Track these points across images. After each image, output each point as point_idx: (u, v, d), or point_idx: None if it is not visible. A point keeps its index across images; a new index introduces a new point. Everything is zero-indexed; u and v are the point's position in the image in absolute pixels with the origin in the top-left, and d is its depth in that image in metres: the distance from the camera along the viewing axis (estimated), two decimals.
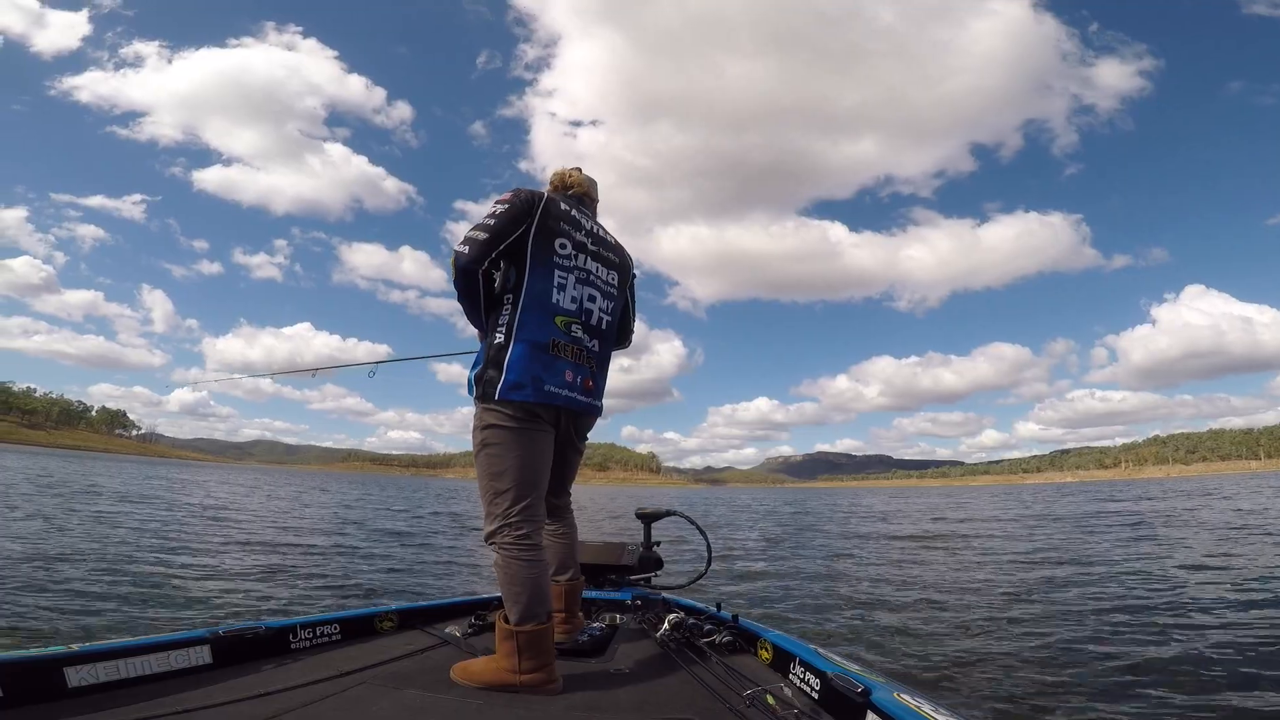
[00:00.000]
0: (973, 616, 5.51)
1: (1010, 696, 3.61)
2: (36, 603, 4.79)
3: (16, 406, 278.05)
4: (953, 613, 5.69)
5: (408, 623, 2.55)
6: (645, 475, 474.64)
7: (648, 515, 3.28)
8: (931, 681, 3.86)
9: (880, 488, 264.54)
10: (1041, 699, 3.55)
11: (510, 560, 1.94)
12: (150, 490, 21.16)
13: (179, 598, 5.40)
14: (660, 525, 3.35)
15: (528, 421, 2.00)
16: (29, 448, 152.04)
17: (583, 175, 2.40)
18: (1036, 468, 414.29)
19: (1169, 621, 5.08)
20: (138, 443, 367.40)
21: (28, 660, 1.62)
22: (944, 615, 5.59)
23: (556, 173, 2.43)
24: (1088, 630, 4.92)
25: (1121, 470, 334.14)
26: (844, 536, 14.24)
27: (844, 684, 1.63)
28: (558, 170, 2.45)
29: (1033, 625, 5.15)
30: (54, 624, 4.29)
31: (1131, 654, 4.28)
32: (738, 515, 24.29)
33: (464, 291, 2.05)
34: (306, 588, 6.29)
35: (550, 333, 2.04)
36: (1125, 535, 12.36)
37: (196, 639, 1.94)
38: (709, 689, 1.87)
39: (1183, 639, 4.56)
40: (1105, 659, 4.18)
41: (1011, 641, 4.66)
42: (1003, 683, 3.80)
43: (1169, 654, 4.23)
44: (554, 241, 2.10)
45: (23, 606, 4.66)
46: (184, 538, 9.45)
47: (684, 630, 2.30)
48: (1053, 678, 3.87)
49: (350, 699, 1.75)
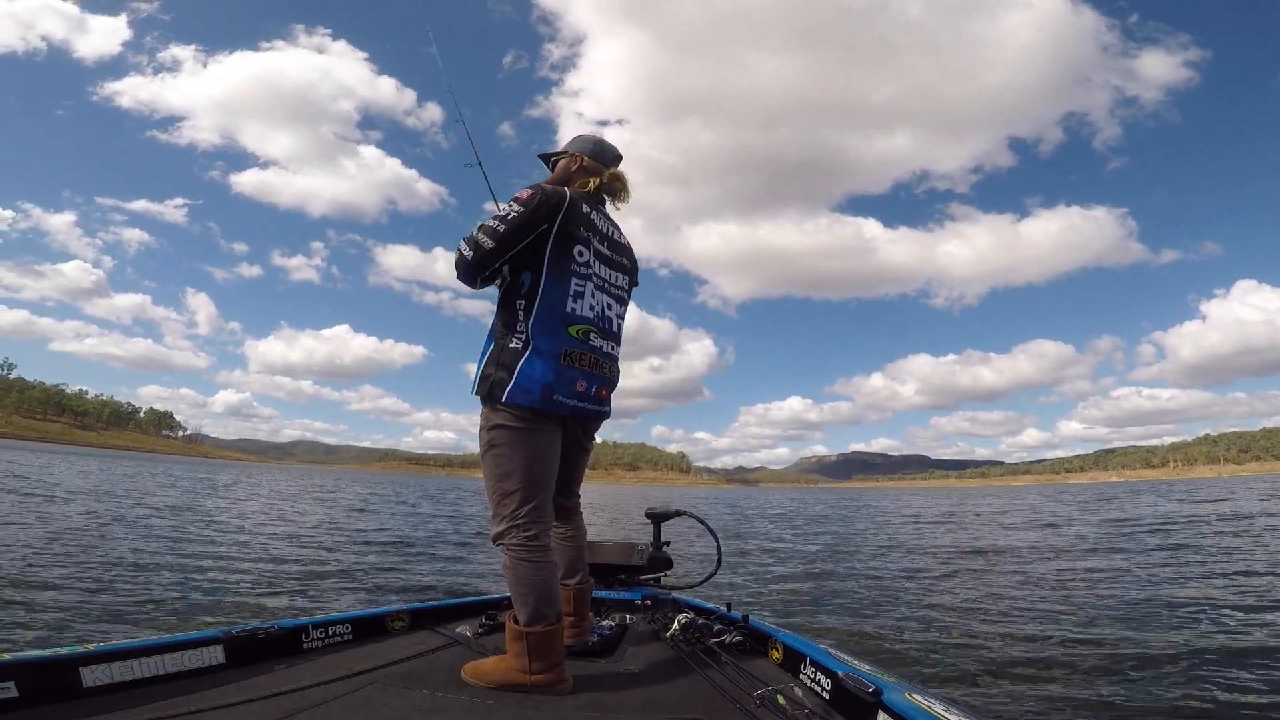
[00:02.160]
0: (994, 621, 5.36)
1: (1026, 696, 3.53)
2: (52, 601, 4.88)
3: (70, 408, 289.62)
4: (970, 616, 5.54)
5: (419, 623, 2.56)
6: (675, 475, 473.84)
7: (657, 515, 3.26)
8: (944, 682, 3.79)
9: (917, 488, 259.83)
10: (1058, 701, 3.46)
11: (519, 562, 1.93)
12: (180, 491, 21.59)
13: (192, 597, 5.48)
14: (670, 525, 3.33)
15: (534, 423, 1.98)
16: (79, 448, 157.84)
17: (624, 179, 2.27)
18: (1080, 467, 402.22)
19: (1187, 622, 4.91)
20: (183, 443, 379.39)
21: (44, 660, 1.65)
22: (962, 619, 5.44)
23: (589, 155, 2.24)
24: (1115, 631, 4.77)
25: (1169, 470, 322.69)
26: (862, 538, 14.01)
27: (855, 684, 1.61)
28: (586, 148, 2.26)
29: (1056, 628, 4.99)
30: (69, 624, 4.36)
31: (1145, 655, 4.17)
32: (757, 516, 24.08)
33: (465, 282, 2.05)
34: (318, 587, 6.37)
35: (564, 343, 2.00)
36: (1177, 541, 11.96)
37: (210, 639, 1.96)
38: (719, 689, 1.86)
39: (1209, 643, 4.39)
40: (1124, 663, 4.06)
41: (1030, 645, 4.53)
42: (1018, 684, 3.71)
43: (1189, 661, 4.06)
44: (573, 249, 2.04)
45: (37, 606, 4.74)
46: (201, 538, 9.62)
47: (694, 630, 2.28)
48: (1068, 680, 3.77)
49: (362, 699, 1.77)
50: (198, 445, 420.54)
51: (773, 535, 14.76)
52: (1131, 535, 12.60)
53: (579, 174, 2.24)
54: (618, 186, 2.27)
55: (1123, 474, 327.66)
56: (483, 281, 2.07)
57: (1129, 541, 11.30)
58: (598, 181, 2.23)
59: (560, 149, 2.34)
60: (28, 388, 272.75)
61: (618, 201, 2.29)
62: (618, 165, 2.31)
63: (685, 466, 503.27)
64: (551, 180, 2.24)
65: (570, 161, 2.27)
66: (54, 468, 30.75)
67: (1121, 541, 11.31)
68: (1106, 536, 12.45)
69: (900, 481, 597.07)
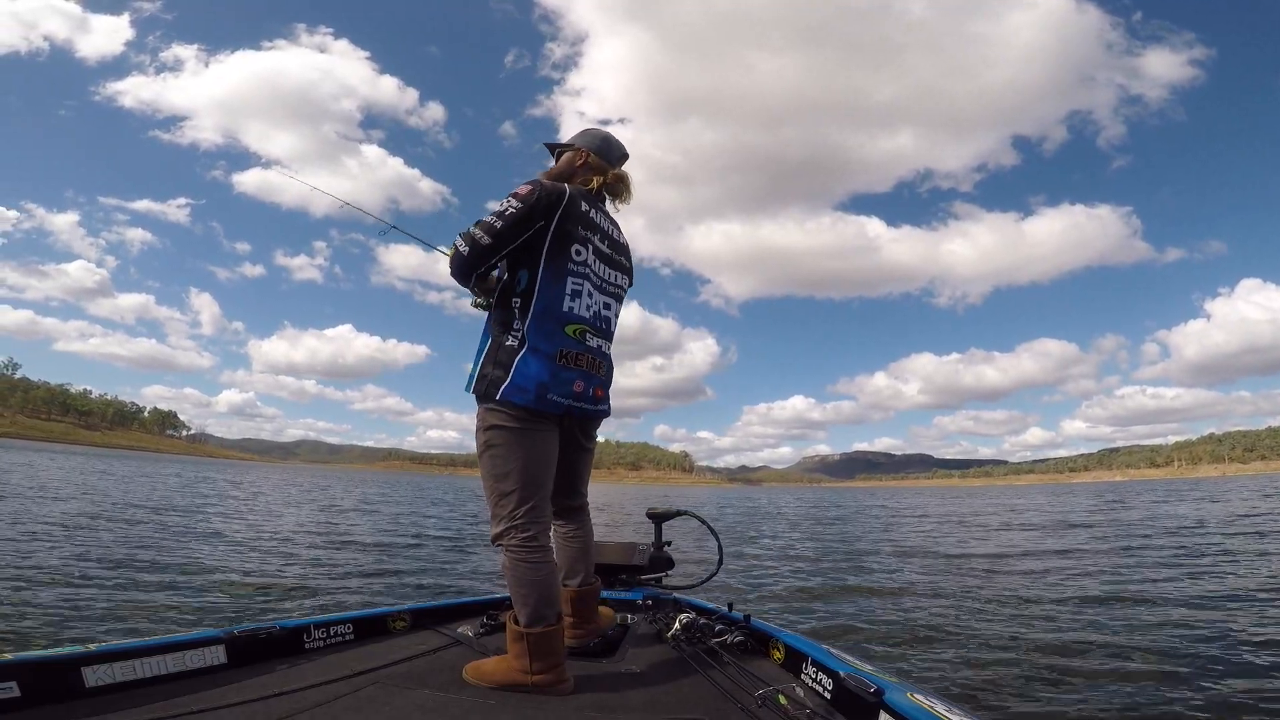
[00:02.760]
0: (995, 619, 5.36)
1: (1027, 696, 3.52)
2: (54, 602, 4.88)
3: (74, 408, 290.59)
4: (973, 616, 5.54)
5: (420, 623, 2.56)
6: (678, 475, 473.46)
7: (658, 515, 3.25)
8: (947, 683, 3.78)
9: (920, 488, 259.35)
10: (1059, 701, 3.45)
11: (518, 562, 1.92)
12: (182, 491, 21.64)
13: (194, 598, 5.49)
14: (672, 525, 3.32)
15: (531, 422, 1.96)
16: (84, 448, 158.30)
17: (628, 179, 2.24)
18: (1084, 466, 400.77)
19: (1191, 623, 4.88)
20: (187, 443, 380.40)
21: (46, 660, 1.65)
22: (964, 619, 5.43)
23: (595, 152, 2.20)
24: (1118, 632, 4.75)
25: (1174, 469, 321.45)
26: (864, 538, 14.00)
27: (857, 684, 1.62)
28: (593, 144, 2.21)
29: (1058, 629, 4.99)
30: (71, 624, 4.37)
31: (1149, 656, 4.16)
32: (758, 516, 24.06)
33: (459, 279, 2.05)
34: (320, 587, 6.37)
35: (560, 343, 1.98)
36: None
37: (211, 639, 1.96)
38: (720, 689, 1.86)
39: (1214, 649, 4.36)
40: (1125, 663, 4.05)
41: (1032, 646, 4.52)
42: (1020, 685, 3.70)
43: (1189, 661, 4.06)
44: (570, 247, 2.01)
45: (39, 606, 4.74)
46: (202, 538, 9.64)
47: (695, 631, 2.27)
48: (1072, 680, 3.76)
49: (363, 699, 1.77)
50: (202, 445, 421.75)
51: (774, 535, 14.74)
52: (1136, 536, 12.57)
53: (583, 170, 2.20)
54: (620, 187, 2.22)
55: (1127, 473, 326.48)
56: (477, 279, 2.07)
57: (1134, 542, 11.27)
58: (601, 180, 2.19)
59: (568, 140, 2.30)
60: (32, 388, 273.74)
61: (619, 202, 2.25)
62: (623, 164, 2.27)
63: (688, 466, 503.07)
64: (554, 173, 2.20)
65: (575, 156, 2.22)
66: (57, 468, 30.82)
67: (1126, 542, 11.29)
68: (1111, 537, 12.41)
69: (904, 481, 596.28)
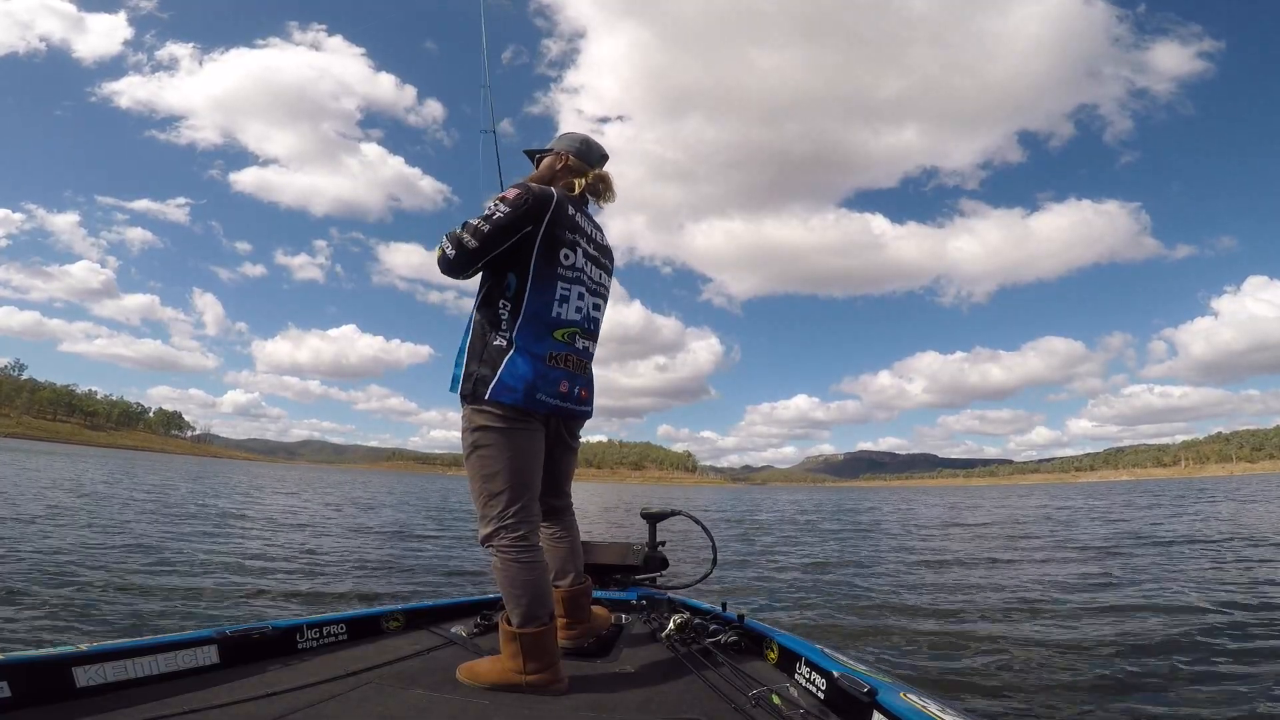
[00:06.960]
0: (990, 621, 5.35)
1: (1021, 696, 3.52)
2: (46, 601, 4.89)
3: (80, 408, 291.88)
4: (968, 616, 5.52)
5: (414, 623, 2.57)
6: (681, 475, 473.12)
7: (652, 515, 3.25)
8: (941, 683, 3.77)
9: (925, 487, 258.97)
10: (1053, 700, 3.45)
11: (509, 563, 1.93)
12: (184, 491, 21.67)
13: (186, 598, 5.49)
14: (666, 524, 3.32)
15: (518, 421, 1.97)
16: (89, 448, 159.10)
17: (609, 179, 2.27)
18: (1090, 465, 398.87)
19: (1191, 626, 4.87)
20: (192, 443, 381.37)
21: (36, 660, 1.65)
22: (958, 619, 5.43)
23: (574, 155, 2.22)
24: (1108, 635, 4.74)
25: (1181, 469, 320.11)
26: (863, 538, 13.98)
27: (850, 684, 1.62)
28: (572, 147, 2.24)
29: (1053, 629, 4.97)
30: (63, 624, 4.37)
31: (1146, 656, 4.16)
32: (758, 516, 24.04)
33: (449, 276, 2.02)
34: (313, 587, 6.38)
35: (548, 346, 2.01)
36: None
37: (203, 639, 1.97)
38: (714, 689, 1.86)
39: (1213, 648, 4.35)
40: (1124, 663, 4.04)
41: (1027, 646, 4.52)
42: (1014, 684, 3.70)
43: (1191, 661, 4.04)
44: (559, 252, 2.02)
45: (32, 606, 4.76)
46: (199, 537, 9.65)
47: (690, 630, 2.28)
48: (1066, 680, 3.76)
49: (357, 699, 1.77)
50: (207, 445, 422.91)
51: (772, 535, 14.73)
52: (1138, 536, 12.53)
53: (564, 173, 2.23)
54: (602, 188, 2.25)
55: (1133, 472, 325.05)
56: (466, 276, 2.06)
57: (1135, 542, 11.23)
58: (583, 182, 2.21)
59: (547, 146, 2.32)
60: (38, 388, 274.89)
61: (602, 201, 2.27)
62: (604, 165, 2.28)
63: (691, 466, 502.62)
64: (535, 178, 2.21)
65: (555, 160, 2.24)
66: (59, 468, 30.95)
67: (1128, 542, 11.24)
68: (1113, 537, 12.37)
69: (908, 480, 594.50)
